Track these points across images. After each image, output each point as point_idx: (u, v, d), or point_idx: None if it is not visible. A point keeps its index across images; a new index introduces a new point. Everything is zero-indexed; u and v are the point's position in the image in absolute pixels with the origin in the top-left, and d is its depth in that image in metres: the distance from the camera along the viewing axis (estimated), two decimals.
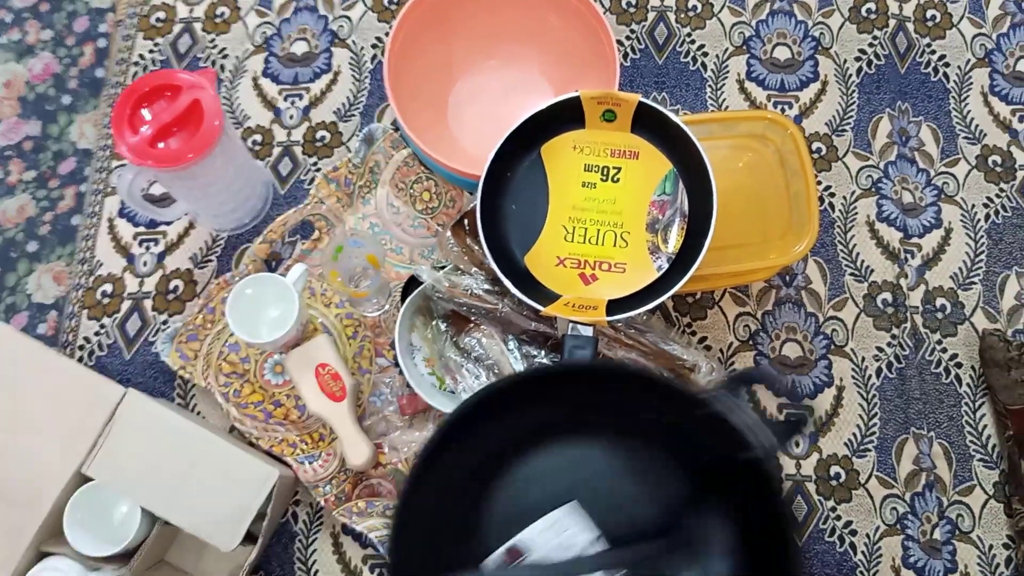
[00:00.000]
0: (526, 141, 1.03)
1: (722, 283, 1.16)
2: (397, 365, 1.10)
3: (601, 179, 1.03)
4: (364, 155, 1.20)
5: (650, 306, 0.95)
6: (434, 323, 1.09)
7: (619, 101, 1.00)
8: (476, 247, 1.05)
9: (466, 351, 1.06)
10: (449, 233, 1.06)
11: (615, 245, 1.01)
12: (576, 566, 0.83)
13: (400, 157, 1.21)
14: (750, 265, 1.06)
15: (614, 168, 1.03)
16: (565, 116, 1.02)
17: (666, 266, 1.00)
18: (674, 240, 1.00)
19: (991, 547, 1.10)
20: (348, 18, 1.34)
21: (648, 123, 1.01)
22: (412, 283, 1.12)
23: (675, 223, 1.01)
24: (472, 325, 1.06)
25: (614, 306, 0.98)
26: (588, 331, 0.95)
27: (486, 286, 1.04)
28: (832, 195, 1.23)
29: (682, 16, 1.33)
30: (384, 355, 1.15)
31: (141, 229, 1.23)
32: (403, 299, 1.11)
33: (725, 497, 0.84)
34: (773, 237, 1.08)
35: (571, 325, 0.95)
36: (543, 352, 1.05)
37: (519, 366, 1.04)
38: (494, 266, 0.97)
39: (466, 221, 1.08)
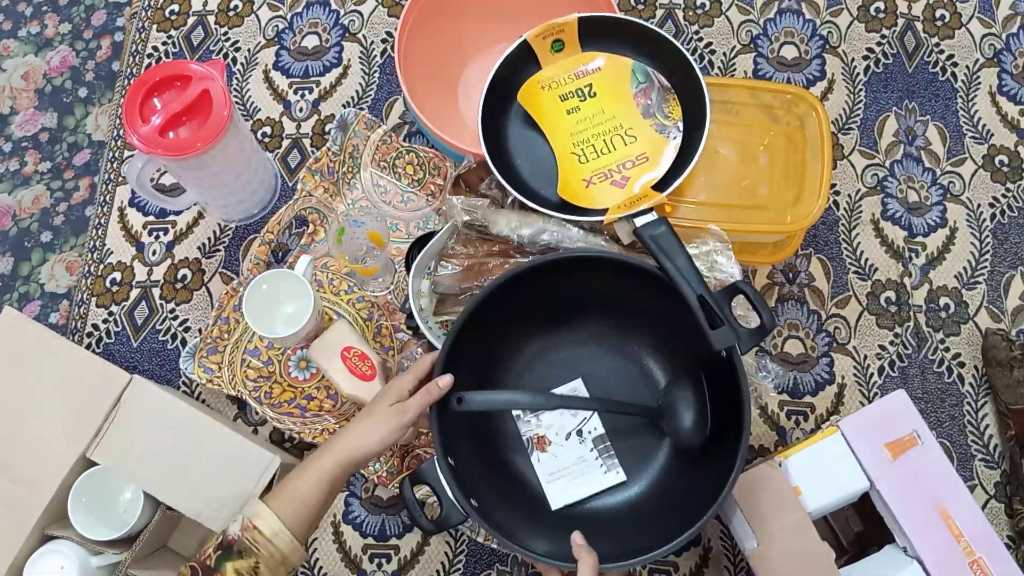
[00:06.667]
0: (504, 101, 1.09)
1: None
2: (415, 335, 1.12)
3: (580, 100, 1.09)
4: (341, 142, 1.21)
5: (693, 163, 1.01)
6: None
7: (561, 27, 1.08)
8: (484, 197, 1.10)
9: None
10: (452, 199, 1.09)
11: (625, 144, 1.07)
12: (567, 401, 0.99)
13: (376, 137, 1.22)
14: (758, 226, 1.09)
15: (585, 86, 1.09)
16: (523, 63, 1.11)
17: (680, 134, 1.06)
18: (673, 111, 1.07)
19: None
20: (359, 13, 1.35)
21: (595, 33, 1.09)
22: (413, 251, 1.14)
23: (665, 99, 1.07)
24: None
25: (658, 186, 1.04)
26: (654, 215, 0.98)
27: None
28: (837, 193, 1.23)
29: (690, 13, 1.33)
30: (403, 330, 1.16)
31: (151, 218, 1.25)
32: (407, 269, 1.13)
33: (698, 380, 0.98)
34: (786, 204, 1.10)
35: (636, 220, 0.98)
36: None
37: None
38: (544, 211, 1.03)
39: (461, 181, 1.13)
